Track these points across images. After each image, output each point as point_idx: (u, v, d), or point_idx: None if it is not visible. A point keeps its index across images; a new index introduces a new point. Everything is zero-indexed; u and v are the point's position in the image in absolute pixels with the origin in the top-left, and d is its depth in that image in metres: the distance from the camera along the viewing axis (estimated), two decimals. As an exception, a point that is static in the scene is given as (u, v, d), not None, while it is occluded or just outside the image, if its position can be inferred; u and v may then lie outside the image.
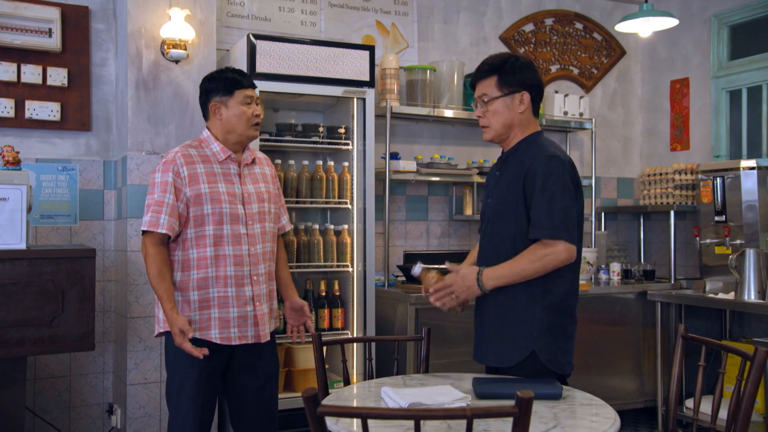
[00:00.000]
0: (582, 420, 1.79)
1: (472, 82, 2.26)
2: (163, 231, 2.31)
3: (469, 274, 2.11)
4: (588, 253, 4.30)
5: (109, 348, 3.55)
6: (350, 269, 3.53)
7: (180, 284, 2.38)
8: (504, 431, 1.65)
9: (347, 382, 2.35)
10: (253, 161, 2.55)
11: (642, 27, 3.86)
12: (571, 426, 1.73)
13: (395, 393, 1.89)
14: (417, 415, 1.30)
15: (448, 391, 1.94)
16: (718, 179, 4.04)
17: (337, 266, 3.51)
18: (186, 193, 2.36)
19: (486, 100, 2.19)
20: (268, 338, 2.49)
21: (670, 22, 3.81)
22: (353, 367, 3.47)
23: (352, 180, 3.55)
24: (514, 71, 2.16)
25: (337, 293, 3.51)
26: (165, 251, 2.35)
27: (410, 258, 4.02)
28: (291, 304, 2.64)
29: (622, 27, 3.91)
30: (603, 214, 4.81)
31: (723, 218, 4.00)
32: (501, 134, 2.20)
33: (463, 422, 1.66)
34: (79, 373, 3.50)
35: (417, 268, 2.23)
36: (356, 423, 1.69)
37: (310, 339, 2.34)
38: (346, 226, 3.57)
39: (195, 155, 2.42)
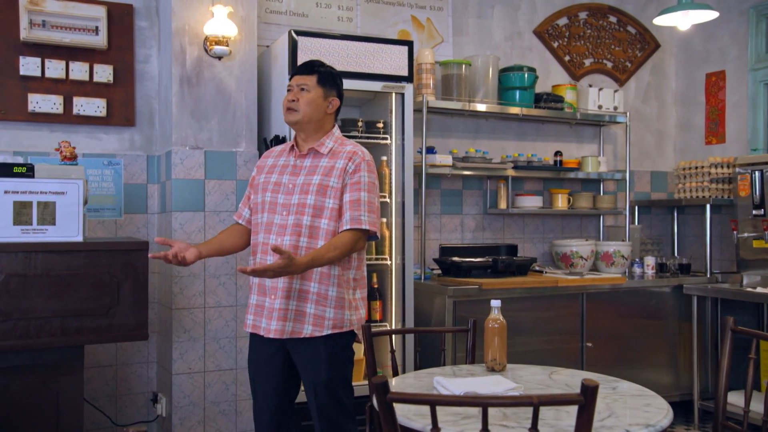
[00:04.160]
0: (635, 411, 1.82)
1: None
2: (234, 216, 2.67)
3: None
4: (622, 247, 4.30)
5: (153, 338, 3.64)
6: (389, 262, 3.57)
7: None
8: (560, 419, 1.69)
9: (395, 372, 2.40)
10: (318, 152, 2.45)
11: (681, 20, 3.82)
12: (625, 416, 1.76)
13: (449, 382, 1.94)
14: (485, 402, 1.34)
15: (499, 381, 1.98)
16: (756, 173, 4.01)
17: (376, 259, 3.56)
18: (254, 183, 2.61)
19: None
20: (271, 335, 2.36)
21: (709, 15, 3.77)
22: (393, 359, 3.51)
23: (390, 174, 3.59)
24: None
25: (376, 286, 3.55)
26: (237, 228, 2.63)
27: (446, 251, 4.05)
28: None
29: (661, 21, 3.88)
30: (637, 207, 4.80)
31: (761, 212, 3.98)
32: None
33: (518, 409, 1.70)
34: (125, 362, 3.59)
35: None
36: (401, 409, 1.72)
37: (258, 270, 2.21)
38: (384, 220, 3.61)
39: (278, 150, 2.60)
